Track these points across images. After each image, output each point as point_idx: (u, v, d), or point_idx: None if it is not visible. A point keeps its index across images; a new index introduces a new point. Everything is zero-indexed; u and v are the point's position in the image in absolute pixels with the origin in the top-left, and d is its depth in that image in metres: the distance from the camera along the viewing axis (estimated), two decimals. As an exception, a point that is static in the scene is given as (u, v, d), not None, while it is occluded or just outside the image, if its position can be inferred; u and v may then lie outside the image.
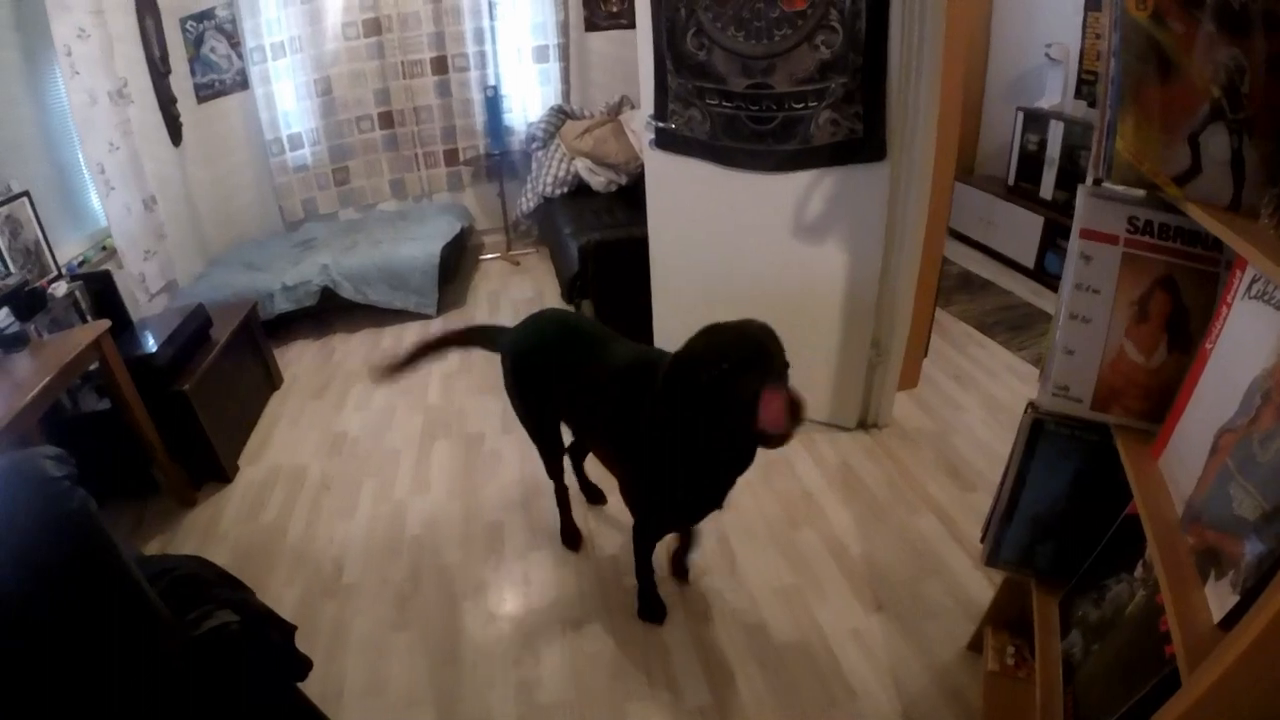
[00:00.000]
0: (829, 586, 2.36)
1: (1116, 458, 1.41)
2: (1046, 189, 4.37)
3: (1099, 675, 1.33)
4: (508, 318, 4.17)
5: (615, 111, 4.65)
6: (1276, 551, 0.87)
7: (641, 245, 3.16)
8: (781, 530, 2.58)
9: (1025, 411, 1.62)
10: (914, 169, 2.48)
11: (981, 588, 2.31)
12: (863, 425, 3.11)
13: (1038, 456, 1.66)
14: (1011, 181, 4.63)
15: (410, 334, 4.14)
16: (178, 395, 2.83)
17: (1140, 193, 1.34)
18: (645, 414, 1.79)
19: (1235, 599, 0.91)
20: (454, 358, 3.74)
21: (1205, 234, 1.30)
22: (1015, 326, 4.06)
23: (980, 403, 3.33)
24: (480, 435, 3.16)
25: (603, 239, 3.37)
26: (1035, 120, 4.35)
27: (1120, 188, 1.34)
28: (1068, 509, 1.70)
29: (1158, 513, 1.19)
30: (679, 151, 2.79)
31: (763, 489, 2.77)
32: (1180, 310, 1.37)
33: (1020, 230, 4.55)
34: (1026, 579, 1.83)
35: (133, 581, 1.29)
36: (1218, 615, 0.94)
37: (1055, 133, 4.20)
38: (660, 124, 2.76)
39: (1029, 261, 4.58)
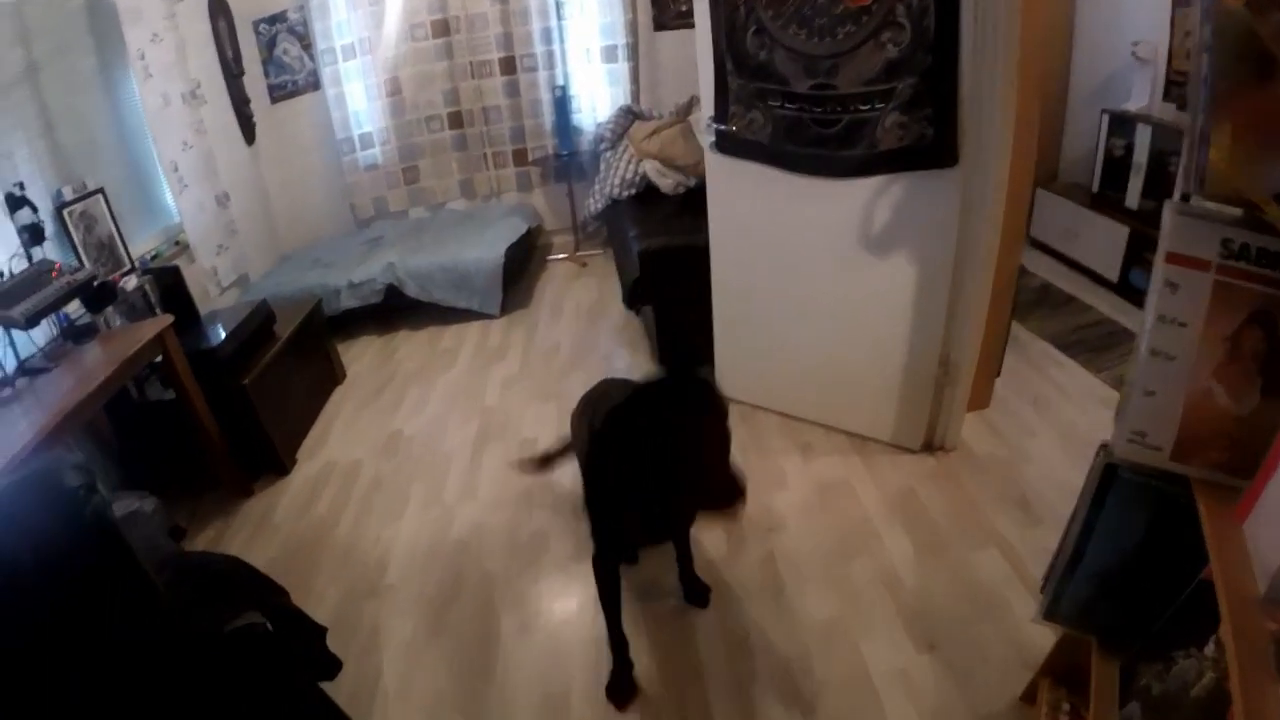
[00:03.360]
0: (879, 621, 2.24)
1: (1195, 514, 1.25)
2: (1133, 198, 4.09)
3: None
4: (569, 322, 4.14)
5: (685, 112, 4.56)
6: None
7: (705, 253, 3.06)
8: (834, 557, 2.47)
9: (1097, 454, 1.48)
10: (988, 175, 2.33)
11: (1042, 635, 2.10)
12: (928, 447, 2.95)
13: (1108, 505, 1.52)
14: (1096, 189, 4.35)
15: (473, 334, 4.14)
16: (238, 389, 2.88)
17: (1236, 211, 1.17)
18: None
19: None
20: (514, 361, 3.72)
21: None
22: (1098, 347, 3.83)
23: (1056, 430, 3.13)
24: (533, 441, 3.11)
25: (665, 245, 3.28)
26: (1121, 124, 4.07)
27: (1213, 205, 1.18)
28: (1138, 566, 1.54)
29: (1236, 586, 1.04)
30: (740, 155, 2.68)
31: (818, 511, 2.65)
32: (1276, 350, 1.20)
33: (1104, 241, 4.27)
34: (1086, 638, 1.68)
35: (145, 580, 1.38)
36: None
37: (1143, 137, 3.92)
38: (720, 126, 2.66)
39: (1113, 275, 4.29)
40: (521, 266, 4.79)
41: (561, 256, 5.18)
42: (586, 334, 4.02)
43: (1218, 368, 1.22)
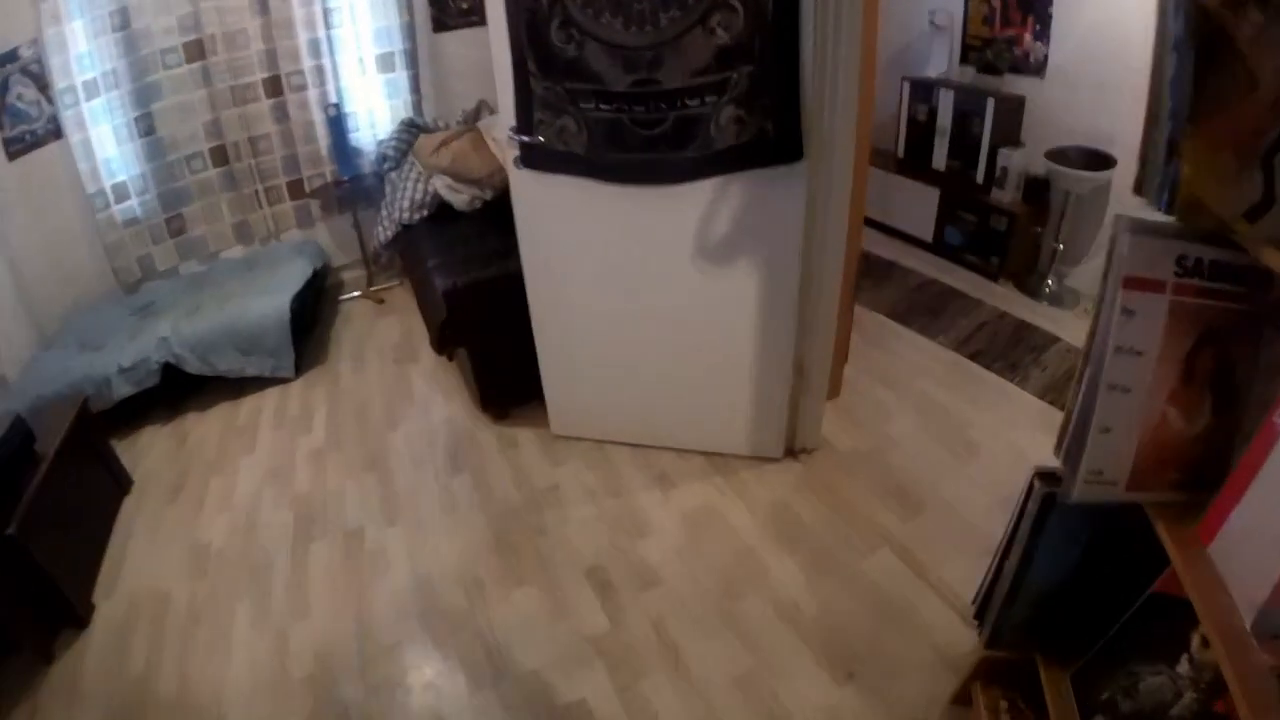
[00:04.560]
0: (790, 661, 2.06)
1: (1137, 520, 1.20)
2: (939, 159, 4.23)
3: None
4: (375, 371, 3.70)
5: (473, 119, 4.18)
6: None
7: (518, 279, 2.71)
8: (723, 600, 2.25)
9: (1031, 485, 1.39)
10: (835, 167, 2.17)
11: (952, 626, 2.11)
12: (791, 453, 2.80)
13: (1047, 529, 1.41)
14: (902, 155, 4.46)
15: (270, 403, 3.58)
16: (4, 540, 2.31)
17: (1170, 220, 1.05)
18: None
19: None
20: (320, 428, 3.28)
21: (1247, 269, 1.05)
22: (930, 310, 3.86)
23: (912, 405, 3.09)
24: (360, 531, 2.69)
25: (472, 279, 2.88)
26: (923, 90, 4.19)
27: (1163, 219, 1.05)
28: (1080, 582, 1.48)
29: (1220, 618, 0.99)
30: (551, 169, 2.34)
31: (692, 552, 2.43)
32: (1225, 364, 1.12)
33: (916, 204, 4.40)
34: (1031, 654, 1.59)
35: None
36: None
37: (945, 101, 4.05)
38: (525, 138, 2.30)
39: (927, 235, 4.43)
40: (314, 314, 4.28)
41: (355, 295, 4.68)
42: (397, 383, 3.57)
43: (1172, 392, 1.12)
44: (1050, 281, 3.94)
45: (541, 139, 2.27)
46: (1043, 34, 3.72)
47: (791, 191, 2.18)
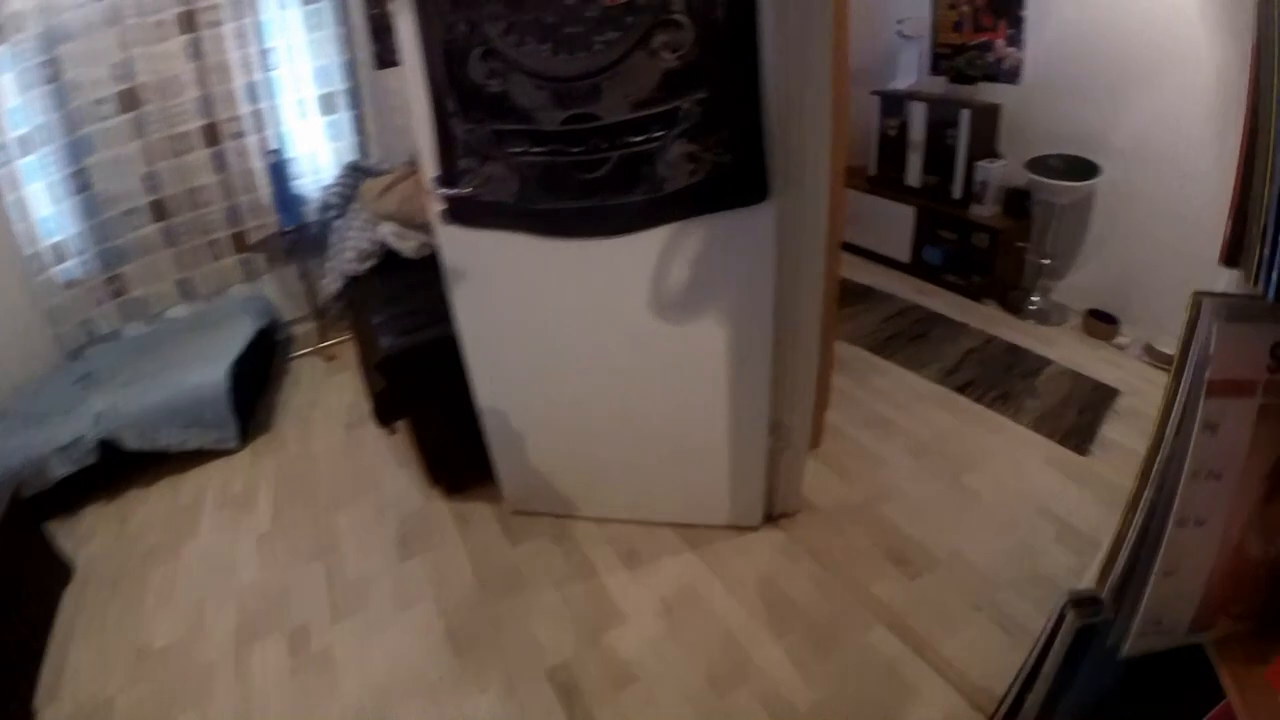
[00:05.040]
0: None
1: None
2: (914, 176, 4.06)
3: None
4: (323, 438, 3.43)
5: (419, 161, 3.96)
6: None
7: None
8: (708, 699, 2.01)
9: (1062, 616, 1.17)
10: (808, 201, 1.94)
11: (957, 707, 1.92)
12: (770, 519, 2.55)
13: (1078, 663, 1.20)
14: (874, 172, 4.28)
15: (214, 478, 3.29)
16: None
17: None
18: None
19: None
20: (266, 508, 3.03)
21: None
22: (912, 338, 3.67)
23: (900, 449, 2.88)
24: (305, 629, 2.41)
25: (411, 343, 2.58)
26: (893, 103, 4.03)
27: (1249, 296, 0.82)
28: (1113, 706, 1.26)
29: None
30: (482, 224, 2.06)
31: (671, 642, 2.18)
32: None
33: (892, 224, 4.24)
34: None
35: None
36: None
37: (917, 114, 3.89)
38: (450, 191, 2.02)
39: (905, 256, 4.27)
40: (262, 374, 4.04)
41: (305, 351, 4.44)
42: (347, 453, 3.30)
43: (1251, 513, 0.89)
44: (1036, 298, 3.77)
45: (468, 190, 2.00)
46: (1016, 39, 3.56)
47: (758, 233, 1.94)
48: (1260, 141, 0.77)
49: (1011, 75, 3.64)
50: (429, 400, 2.64)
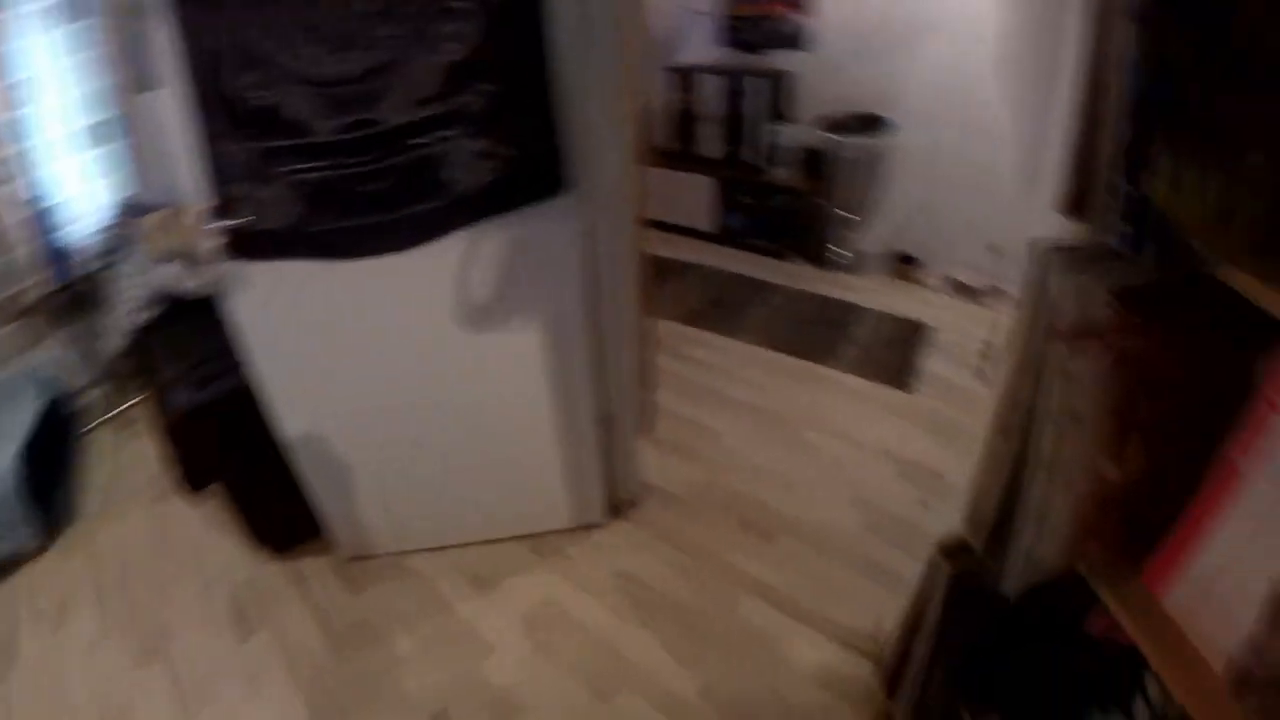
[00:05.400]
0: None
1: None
2: (711, 147, 4.11)
3: None
4: (138, 520, 2.92)
5: None
6: None
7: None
8: (596, 712, 1.90)
9: (935, 561, 1.17)
10: (610, 189, 1.84)
11: (845, 660, 1.94)
12: (615, 511, 2.46)
13: (959, 605, 1.19)
14: (671, 146, 4.30)
15: (21, 591, 2.70)
16: None
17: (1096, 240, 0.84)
18: None
19: None
20: (85, 614, 2.57)
21: (1175, 289, 0.84)
22: (727, 306, 3.70)
23: (736, 417, 2.88)
24: None
25: (209, 397, 2.23)
26: (685, 77, 4.04)
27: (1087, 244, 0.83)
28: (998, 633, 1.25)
29: (1187, 672, 0.90)
30: (265, 256, 1.80)
31: (546, 664, 2.03)
32: (1156, 400, 0.90)
33: (693, 196, 4.27)
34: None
35: None
36: None
37: (709, 86, 3.94)
38: (225, 222, 1.74)
39: (709, 226, 4.33)
40: (55, 457, 3.49)
41: (101, 420, 3.90)
42: (161, 531, 2.80)
43: (1105, 445, 0.91)
44: (841, 250, 3.89)
45: (245, 219, 1.74)
46: (801, 5, 3.65)
47: (562, 224, 1.83)
48: (1104, 103, 0.77)
49: (799, 41, 3.73)
50: (238, 455, 2.31)
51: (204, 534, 2.64)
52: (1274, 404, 0.78)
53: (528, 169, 1.71)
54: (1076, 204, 0.83)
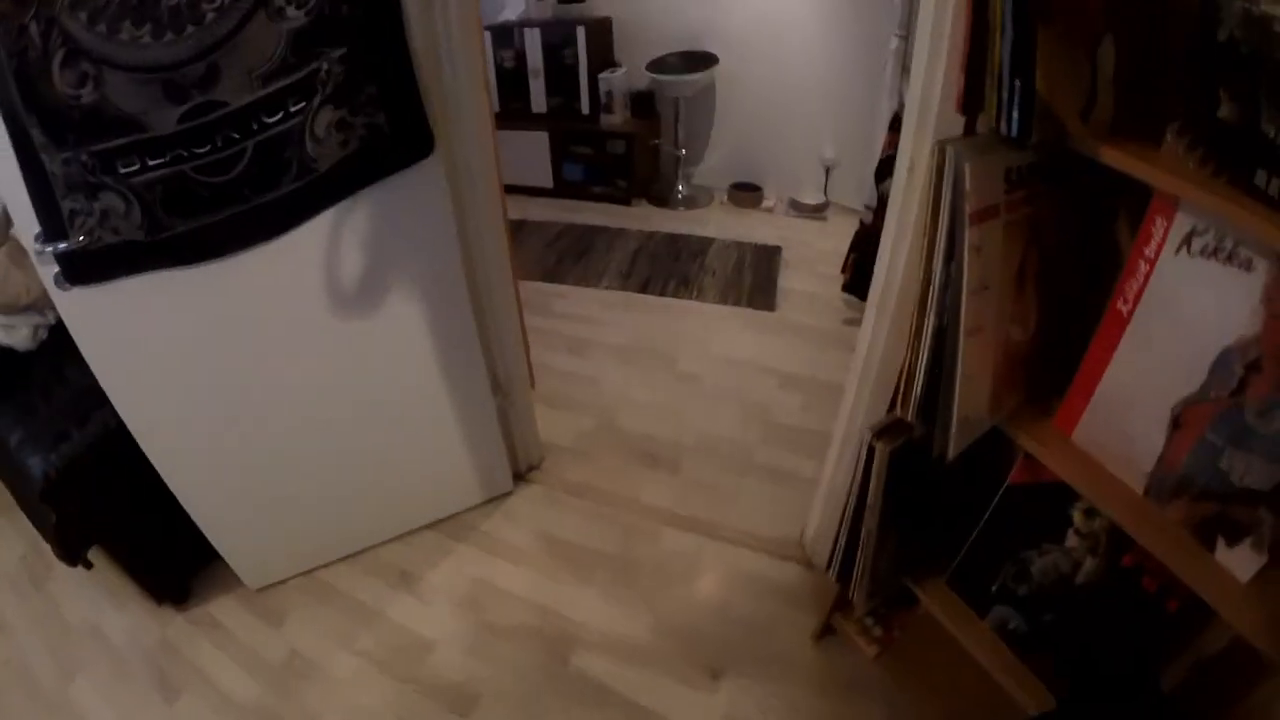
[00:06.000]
0: (653, 698, 1.80)
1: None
2: (539, 102, 4.08)
3: (1082, 638, 1.27)
4: (13, 608, 2.44)
5: (4, 230, 3.20)
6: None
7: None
8: (553, 680, 1.87)
9: (871, 450, 1.24)
10: (471, 148, 1.80)
11: (777, 568, 2.05)
12: (520, 476, 2.47)
13: (895, 484, 1.30)
14: (499, 107, 4.22)
15: None
16: None
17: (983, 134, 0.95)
18: None
19: (1263, 559, 0.92)
20: None
21: (1051, 165, 0.97)
22: (579, 256, 3.72)
23: (611, 362, 2.93)
24: None
25: (70, 454, 1.98)
26: (505, 36, 3.98)
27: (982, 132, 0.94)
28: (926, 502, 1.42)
29: (1112, 494, 1.06)
30: (112, 275, 1.60)
31: (493, 644, 1.98)
32: (1046, 263, 1.05)
33: (527, 153, 4.24)
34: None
35: None
36: (1244, 576, 0.94)
37: (531, 41, 3.89)
38: (60, 247, 1.52)
39: (548, 181, 4.31)
40: None
41: None
42: (48, 614, 2.37)
43: (1010, 311, 1.04)
44: (681, 187, 3.98)
45: (81, 239, 1.54)
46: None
47: (431, 190, 1.76)
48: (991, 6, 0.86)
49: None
50: (114, 510, 2.10)
51: (99, 606, 2.36)
52: (1144, 254, 0.90)
53: (389, 134, 1.63)
54: (969, 102, 0.92)
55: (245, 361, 1.81)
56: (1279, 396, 0.84)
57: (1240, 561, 0.95)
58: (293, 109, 1.52)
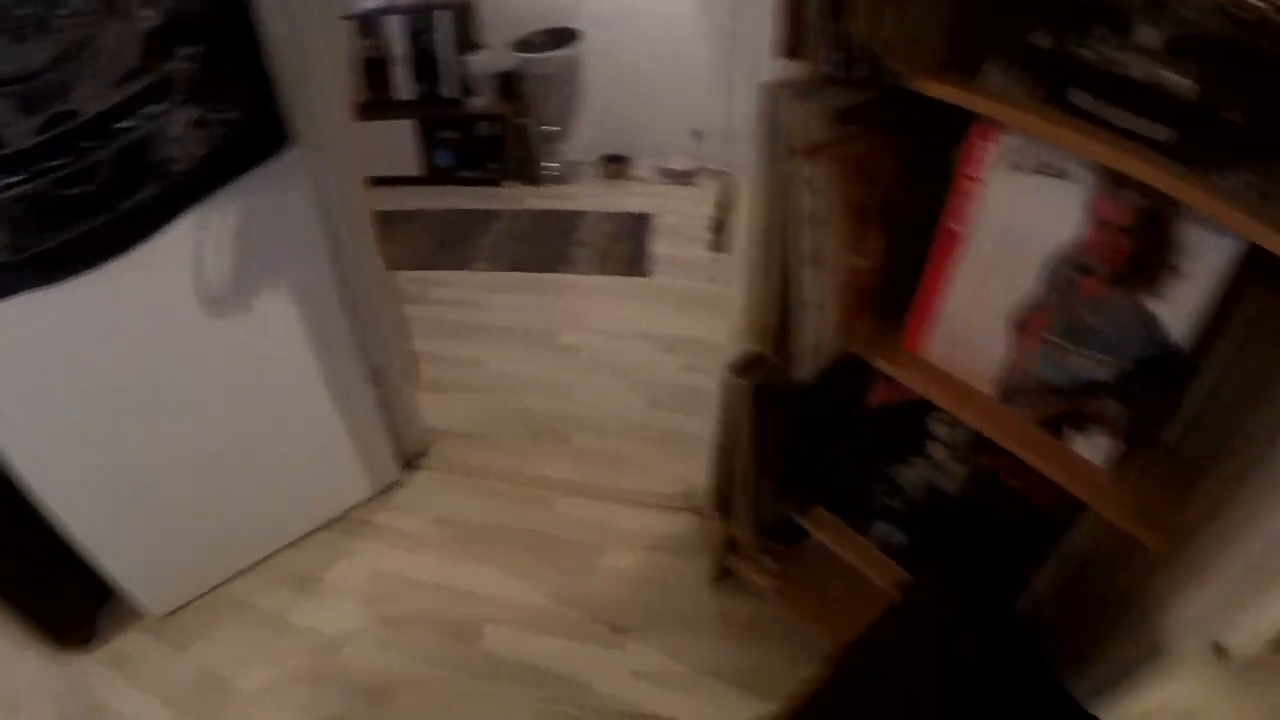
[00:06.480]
0: (566, 660, 1.85)
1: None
2: (404, 89, 3.98)
3: (959, 542, 1.36)
4: None
5: None
6: (1145, 400, 0.97)
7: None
8: (467, 658, 1.89)
9: (733, 383, 1.32)
10: (335, 139, 1.78)
11: (666, 521, 2.13)
12: (410, 465, 2.41)
13: (762, 417, 1.38)
14: (364, 97, 4.06)
15: None
16: None
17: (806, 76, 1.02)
18: None
19: (1119, 445, 1.02)
20: None
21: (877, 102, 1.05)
22: (453, 241, 3.69)
23: (493, 343, 2.93)
24: None
25: None
26: (366, 24, 3.86)
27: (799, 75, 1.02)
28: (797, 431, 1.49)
29: (967, 402, 1.15)
30: None
31: (401, 634, 1.97)
32: (883, 195, 1.13)
33: (395, 143, 4.14)
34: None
35: None
36: (1102, 462, 1.04)
37: (393, 28, 3.80)
38: None
39: (417, 169, 4.22)
40: None
41: None
42: None
43: (852, 240, 1.11)
44: (552, 164, 4.00)
45: None
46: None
47: (291, 184, 1.73)
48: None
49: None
50: (5, 554, 1.89)
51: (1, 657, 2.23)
52: (972, 176, 0.99)
53: (247, 130, 1.61)
54: (792, 47, 0.99)
55: (119, 381, 1.73)
56: (1109, 294, 0.93)
57: (1096, 449, 1.05)
58: (149, 112, 1.49)
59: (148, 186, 1.55)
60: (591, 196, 3.80)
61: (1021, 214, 0.97)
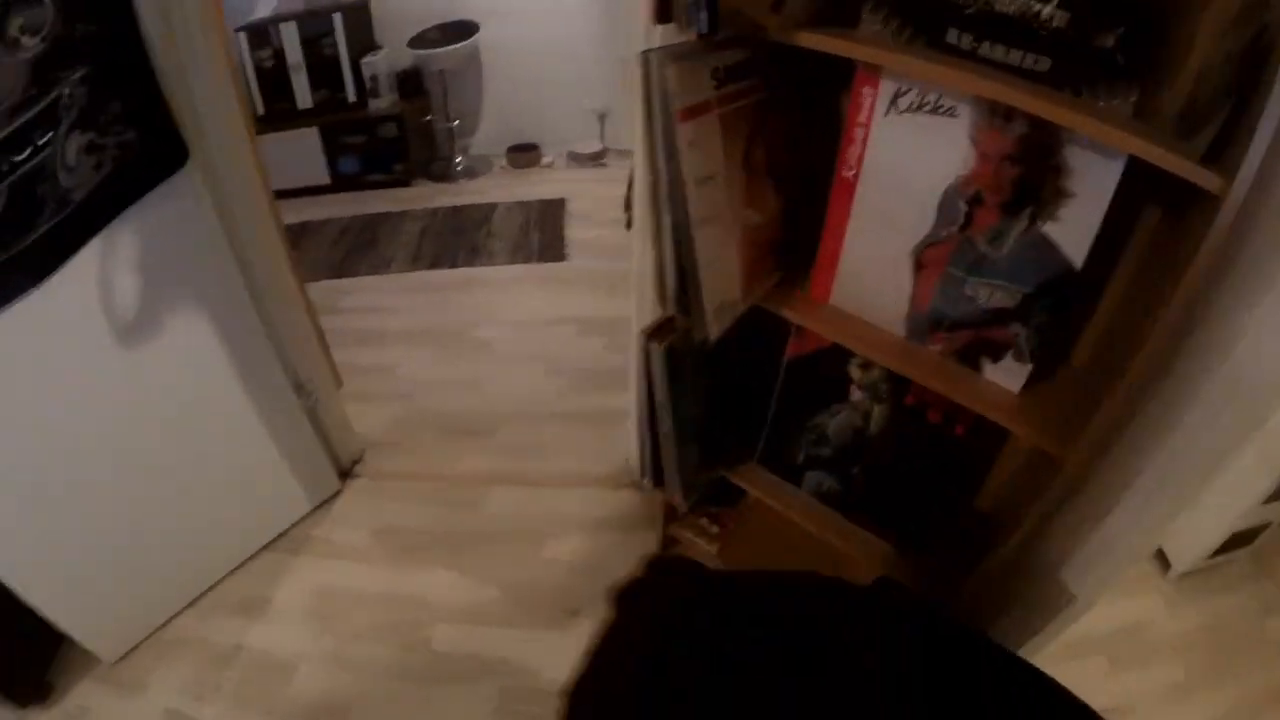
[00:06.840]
0: (519, 648, 1.86)
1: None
2: (304, 98, 3.91)
3: (890, 483, 1.39)
4: None
5: None
6: (1049, 323, 1.01)
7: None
8: (422, 662, 1.87)
9: (648, 351, 1.32)
10: (231, 153, 1.74)
11: (598, 498, 2.16)
12: (345, 475, 2.38)
13: (679, 379, 1.38)
14: (263, 109, 3.99)
15: None
16: None
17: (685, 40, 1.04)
18: None
19: (1029, 368, 1.06)
20: None
21: (756, 59, 1.08)
22: (364, 246, 3.64)
23: (408, 345, 2.91)
24: None
25: None
26: (260, 34, 3.77)
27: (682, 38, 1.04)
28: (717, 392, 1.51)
29: (877, 344, 1.19)
30: None
31: (351, 649, 1.92)
32: (771, 148, 1.16)
33: (298, 153, 4.05)
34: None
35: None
36: (1015, 386, 1.09)
37: (287, 36, 3.72)
38: None
39: (324, 178, 4.15)
40: None
41: None
42: None
43: (746, 196, 1.14)
44: (458, 159, 3.98)
45: None
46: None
47: (191, 202, 1.70)
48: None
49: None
50: None
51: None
52: (859, 121, 1.03)
53: (141, 151, 1.57)
54: (663, 11, 1.04)
55: (36, 419, 1.65)
56: (1002, 223, 0.96)
57: (1008, 375, 1.08)
58: (40, 142, 1.43)
59: (44, 219, 1.48)
60: (502, 188, 3.80)
61: (910, 154, 1.00)
